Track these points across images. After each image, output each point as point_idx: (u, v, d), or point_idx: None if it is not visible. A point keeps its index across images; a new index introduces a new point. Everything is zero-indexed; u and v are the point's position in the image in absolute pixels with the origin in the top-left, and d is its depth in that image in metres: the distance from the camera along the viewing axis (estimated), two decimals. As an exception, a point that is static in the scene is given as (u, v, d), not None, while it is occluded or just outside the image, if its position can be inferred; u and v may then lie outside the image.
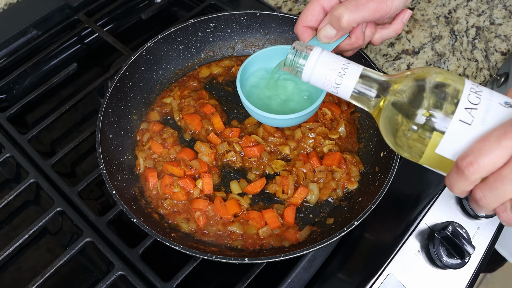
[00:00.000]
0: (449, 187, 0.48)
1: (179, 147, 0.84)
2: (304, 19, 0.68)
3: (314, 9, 0.66)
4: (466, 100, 0.48)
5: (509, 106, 0.48)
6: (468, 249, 0.71)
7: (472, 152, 0.44)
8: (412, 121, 0.50)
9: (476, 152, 0.44)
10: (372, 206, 0.68)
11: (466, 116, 0.47)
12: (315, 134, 0.85)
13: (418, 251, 0.76)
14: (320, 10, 0.66)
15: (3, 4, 1.15)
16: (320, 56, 0.58)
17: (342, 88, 0.57)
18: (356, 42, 0.68)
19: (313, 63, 0.58)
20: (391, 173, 0.71)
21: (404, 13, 0.70)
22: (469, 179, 0.45)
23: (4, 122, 0.91)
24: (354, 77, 0.56)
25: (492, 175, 0.44)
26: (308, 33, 0.69)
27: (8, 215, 0.86)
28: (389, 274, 0.73)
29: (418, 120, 0.50)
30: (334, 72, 0.57)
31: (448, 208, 0.81)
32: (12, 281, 0.78)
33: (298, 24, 0.69)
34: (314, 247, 0.65)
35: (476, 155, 0.44)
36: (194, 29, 0.92)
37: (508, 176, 0.43)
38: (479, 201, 0.46)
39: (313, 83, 0.60)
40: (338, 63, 0.57)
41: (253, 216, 0.77)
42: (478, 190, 0.45)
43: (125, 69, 0.85)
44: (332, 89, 0.58)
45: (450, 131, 0.48)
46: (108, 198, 0.88)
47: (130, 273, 0.72)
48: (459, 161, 0.45)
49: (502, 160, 0.43)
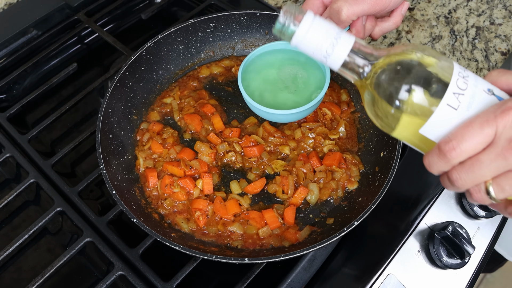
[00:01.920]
0: (428, 166, 0.50)
1: (179, 147, 0.84)
2: None
3: (313, 3, 0.67)
4: (454, 85, 0.48)
5: (491, 94, 0.48)
6: (468, 249, 0.71)
7: (456, 137, 0.46)
8: (397, 98, 0.50)
9: (459, 137, 0.45)
10: (372, 206, 0.68)
11: (454, 101, 0.48)
12: (315, 134, 0.85)
13: (418, 251, 0.76)
14: (319, 3, 0.67)
15: (3, 4, 1.15)
16: (313, 22, 0.55)
17: (333, 58, 0.55)
18: (356, 35, 0.69)
19: (305, 30, 0.54)
20: (391, 173, 0.71)
21: (403, 5, 0.71)
22: (449, 162, 0.47)
23: (4, 122, 0.91)
24: (346, 48, 0.54)
25: (470, 159, 0.46)
26: None
27: (8, 215, 0.86)
28: (389, 274, 0.73)
29: (402, 97, 0.49)
30: (326, 41, 0.54)
31: (448, 208, 0.81)
32: (12, 281, 0.78)
33: None
34: (314, 247, 0.65)
35: (459, 140, 0.45)
36: (194, 29, 0.92)
37: (485, 162, 0.45)
38: (454, 181, 0.48)
39: (302, 49, 0.57)
40: (331, 31, 0.54)
41: (253, 216, 0.77)
42: (455, 172, 0.47)
43: (125, 69, 0.85)
44: (321, 58, 0.56)
45: (437, 115, 0.48)
46: (108, 198, 0.88)
47: (130, 273, 0.72)
48: (442, 145, 0.46)
49: (482, 146, 0.45)
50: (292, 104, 0.78)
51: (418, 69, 0.50)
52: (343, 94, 0.90)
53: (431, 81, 0.49)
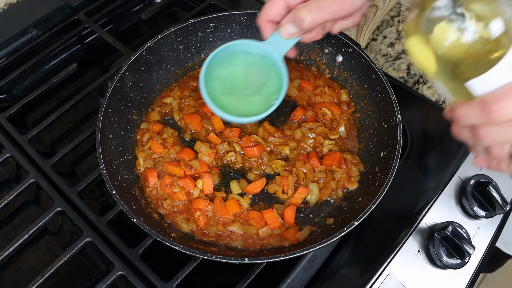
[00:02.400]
0: (458, 115, 0.51)
1: (179, 147, 0.84)
2: (267, 13, 0.69)
3: (277, 4, 0.67)
4: None
5: None
6: (468, 249, 0.71)
7: (506, 97, 0.47)
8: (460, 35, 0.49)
9: (510, 99, 0.46)
10: (372, 206, 0.68)
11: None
12: (315, 134, 0.85)
13: (418, 251, 0.76)
14: (283, 5, 0.67)
15: (3, 4, 1.15)
16: None
17: None
18: (316, 36, 0.70)
19: None
20: (391, 173, 0.71)
21: (363, 7, 0.71)
22: (490, 120, 0.48)
23: (4, 122, 0.91)
24: None
25: (509, 121, 0.47)
26: (270, 27, 0.70)
27: (8, 215, 0.86)
28: (389, 274, 0.73)
29: (467, 38, 0.48)
30: None
31: (448, 208, 0.81)
32: (12, 281, 0.78)
33: (261, 17, 0.70)
34: (314, 247, 0.65)
35: (509, 102, 0.46)
36: (194, 29, 0.92)
37: None
38: (482, 136, 0.49)
39: None
40: None
41: (253, 216, 0.77)
42: (488, 129, 0.49)
43: (125, 69, 0.84)
44: None
45: (493, 72, 0.48)
46: (108, 198, 0.88)
47: (130, 273, 0.72)
48: (489, 102, 0.47)
49: None
50: (251, 106, 0.76)
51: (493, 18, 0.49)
52: (343, 94, 0.90)
53: (497, 34, 0.48)
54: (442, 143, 0.88)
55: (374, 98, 0.84)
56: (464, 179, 0.84)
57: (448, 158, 0.86)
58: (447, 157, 0.86)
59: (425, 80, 1.02)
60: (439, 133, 0.90)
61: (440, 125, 0.91)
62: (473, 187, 0.80)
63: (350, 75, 0.90)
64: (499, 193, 0.78)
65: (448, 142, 0.88)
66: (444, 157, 0.86)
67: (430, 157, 0.87)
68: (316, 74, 0.94)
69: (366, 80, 0.86)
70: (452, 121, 0.54)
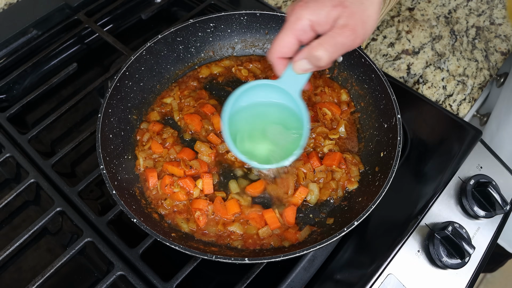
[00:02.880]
0: None
1: (179, 147, 0.84)
2: (279, 50, 0.67)
3: (289, 41, 0.65)
4: None
5: None
6: (468, 249, 0.71)
7: None
8: None
9: None
10: (372, 206, 0.68)
11: None
12: (315, 134, 0.85)
13: (418, 251, 0.76)
14: (295, 41, 0.66)
15: (3, 4, 1.15)
16: None
17: None
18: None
19: None
20: (391, 173, 0.71)
21: None
22: None
23: (4, 122, 0.91)
24: None
25: None
26: (282, 64, 0.69)
27: (8, 215, 0.86)
28: (389, 274, 0.73)
29: None
30: None
31: (448, 208, 0.81)
32: (12, 281, 0.78)
33: (272, 54, 0.68)
34: (314, 247, 0.65)
35: None
36: (194, 29, 0.92)
37: None
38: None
39: None
40: None
41: (253, 216, 0.77)
42: None
43: (125, 69, 0.84)
44: None
45: None
46: (108, 198, 0.88)
47: (130, 273, 0.72)
48: None
49: None
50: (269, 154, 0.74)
51: None
52: (343, 94, 0.90)
53: None
54: (442, 143, 0.88)
55: (374, 98, 0.84)
56: (464, 179, 0.84)
57: (448, 158, 0.86)
58: (447, 157, 0.86)
59: (425, 80, 1.02)
60: (439, 133, 0.90)
61: (440, 125, 0.91)
62: (473, 187, 0.80)
63: (350, 75, 0.90)
64: (499, 193, 0.78)
65: (448, 142, 0.88)
66: (444, 157, 0.86)
67: (430, 157, 0.87)
68: (316, 74, 0.94)
69: (366, 80, 0.86)
70: None
